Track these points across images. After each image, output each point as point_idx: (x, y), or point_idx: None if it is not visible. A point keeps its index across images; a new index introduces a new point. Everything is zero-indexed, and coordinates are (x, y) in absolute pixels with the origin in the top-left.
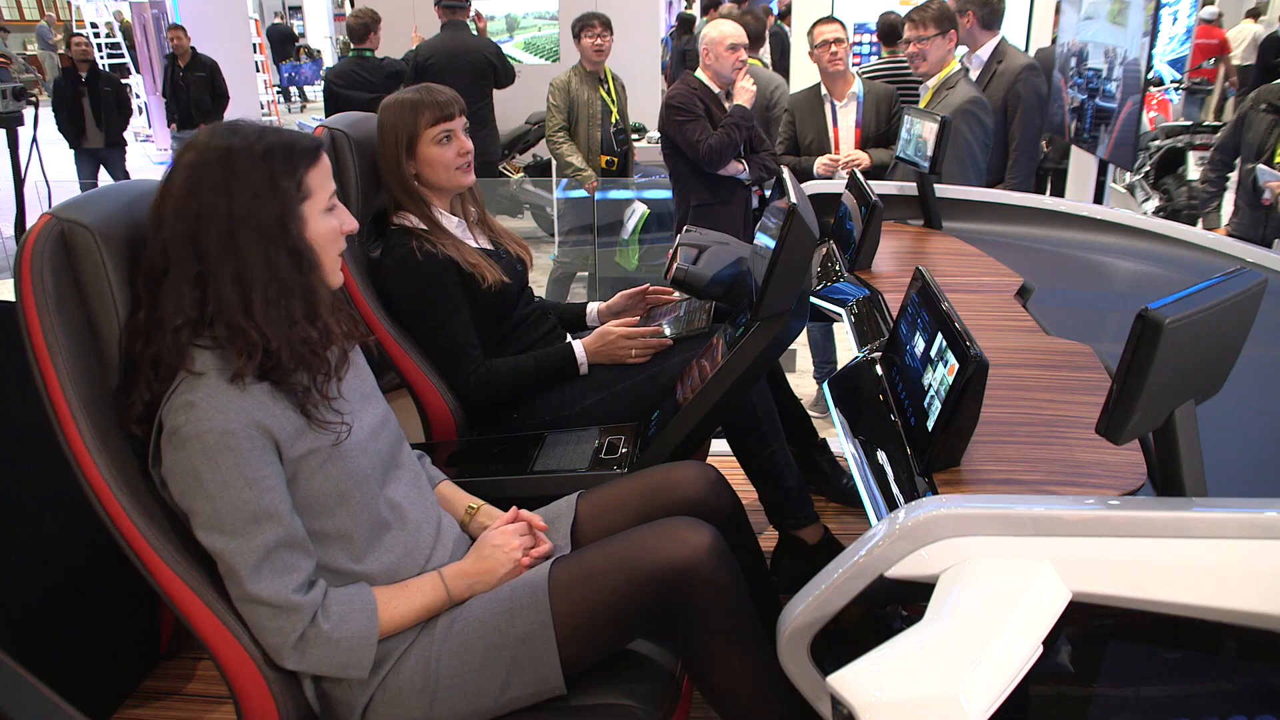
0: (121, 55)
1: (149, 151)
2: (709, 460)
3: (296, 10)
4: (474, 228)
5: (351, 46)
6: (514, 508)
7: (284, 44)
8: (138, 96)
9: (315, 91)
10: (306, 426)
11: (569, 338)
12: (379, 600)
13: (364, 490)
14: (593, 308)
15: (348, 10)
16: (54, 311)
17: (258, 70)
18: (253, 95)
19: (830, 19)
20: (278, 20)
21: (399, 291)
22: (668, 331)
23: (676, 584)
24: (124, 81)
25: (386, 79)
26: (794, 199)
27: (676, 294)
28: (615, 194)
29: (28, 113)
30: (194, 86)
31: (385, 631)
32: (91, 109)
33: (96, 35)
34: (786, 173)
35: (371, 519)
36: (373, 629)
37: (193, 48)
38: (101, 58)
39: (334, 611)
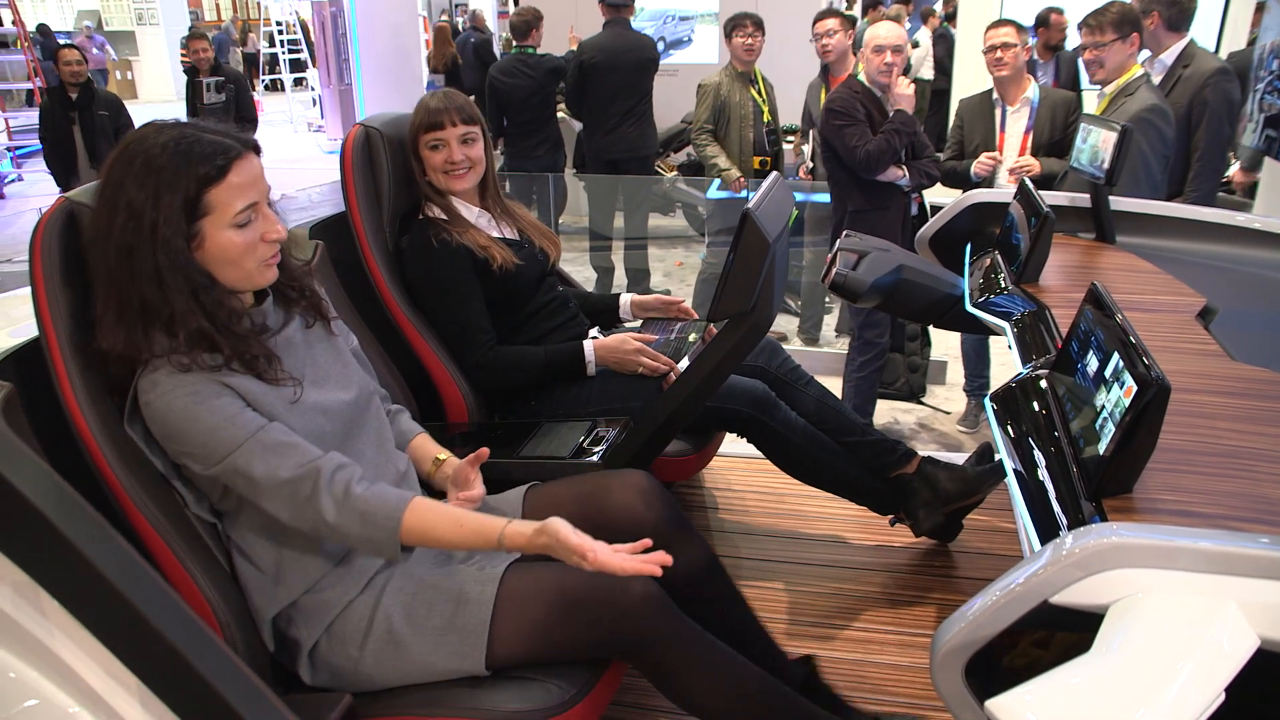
0: (300, 50)
1: (320, 141)
2: (715, 459)
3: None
4: (500, 219)
5: (514, 43)
6: (474, 454)
7: None
8: (312, 89)
9: None
10: (265, 388)
11: (593, 331)
12: (416, 501)
13: (318, 446)
14: (626, 299)
15: (511, 9)
16: (58, 282)
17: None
18: (418, 91)
19: (1002, 22)
20: (444, 19)
21: (416, 277)
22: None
23: (624, 644)
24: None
25: (547, 74)
26: (751, 203)
27: (695, 316)
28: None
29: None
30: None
31: (411, 529)
32: (84, 139)
33: (282, 31)
34: (772, 177)
35: None
36: (399, 509)
37: (216, 58)
38: (283, 52)
39: (369, 487)
